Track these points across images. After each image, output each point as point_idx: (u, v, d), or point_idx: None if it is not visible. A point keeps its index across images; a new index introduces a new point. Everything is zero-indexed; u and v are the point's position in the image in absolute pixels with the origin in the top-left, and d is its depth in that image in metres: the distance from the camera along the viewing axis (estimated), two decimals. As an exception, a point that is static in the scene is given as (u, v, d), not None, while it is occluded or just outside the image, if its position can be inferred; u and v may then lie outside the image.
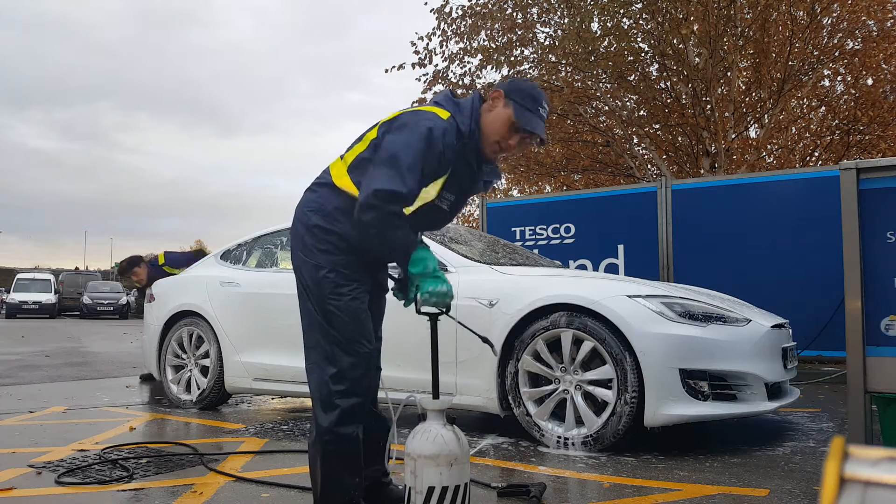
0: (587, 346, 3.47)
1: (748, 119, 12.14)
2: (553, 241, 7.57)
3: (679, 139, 12.37)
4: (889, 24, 11.48)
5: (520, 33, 12.06)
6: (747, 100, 12.18)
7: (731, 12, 10.37)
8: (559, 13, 11.97)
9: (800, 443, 3.66)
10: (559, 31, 11.89)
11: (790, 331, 4.04)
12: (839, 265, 3.20)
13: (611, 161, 13.64)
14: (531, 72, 12.53)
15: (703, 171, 11.31)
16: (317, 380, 2.21)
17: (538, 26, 12.25)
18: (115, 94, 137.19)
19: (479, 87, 12.43)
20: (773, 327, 3.67)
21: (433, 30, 12.40)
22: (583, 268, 7.20)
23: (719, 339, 3.41)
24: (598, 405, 3.46)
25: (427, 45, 12.35)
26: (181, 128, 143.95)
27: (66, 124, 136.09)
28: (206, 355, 5.07)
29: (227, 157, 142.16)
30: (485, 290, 3.82)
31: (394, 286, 2.41)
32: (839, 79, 12.64)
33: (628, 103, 12.58)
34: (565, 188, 14.43)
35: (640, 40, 11.30)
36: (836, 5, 10.97)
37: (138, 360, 8.55)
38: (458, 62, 12.42)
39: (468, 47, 12.26)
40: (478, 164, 2.29)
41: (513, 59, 12.09)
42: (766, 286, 6.08)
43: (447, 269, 3.99)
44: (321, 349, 2.20)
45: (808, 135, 13.56)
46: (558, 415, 3.57)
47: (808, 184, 6.37)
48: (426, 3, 12.42)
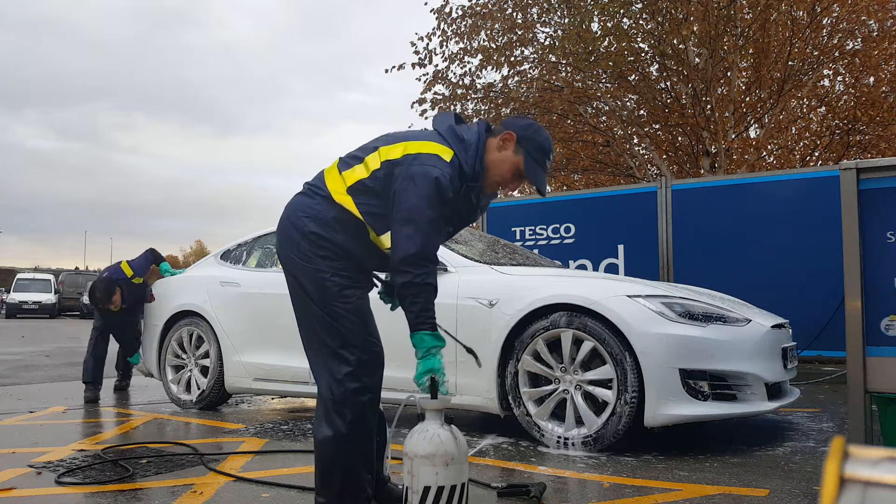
0: (587, 346, 3.47)
1: (748, 119, 12.14)
2: (553, 241, 7.57)
3: (679, 139, 12.37)
4: (889, 23, 11.48)
5: (520, 33, 12.05)
6: (747, 100, 12.18)
7: (731, 12, 10.37)
8: (559, 13, 11.97)
9: (800, 443, 3.66)
10: (559, 31, 11.89)
11: (790, 331, 4.04)
12: (839, 265, 3.20)
13: (611, 161, 13.63)
14: (531, 72, 12.54)
15: (703, 171, 11.31)
16: (328, 381, 2.17)
17: (538, 26, 12.25)
18: (113, 94, 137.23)
19: (478, 86, 12.43)
20: (773, 327, 3.67)
21: (433, 30, 12.40)
22: (583, 268, 7.20)
23: (719, 339, 3.41)
24: (598, 405, 3.46)
25: (427, 45, 12.35)
26: (179, 128, 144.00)
27: (63, 124, 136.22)
28: (206, 355, 5.08)
29: (226, 158, 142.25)
30: (485, 290, 3.82)
31: (380, 290, 2.44)
32: (839, 79, 12.64)
33: (628, 103, 12.58)
34: (565, 188, 14.42)
35: (640, 40, 11.30)
36: (836, 5, 10.96)
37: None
38: (458, 62, 12.43)
39: (468, 47, 12.26)
40: (477, 199, 2.30)
41: (513, 59, 12.10)
42: (766, 286, 6.07)
43: (447, 269, 3.99)
44: (329, 350, 2.17)
45: (808, 135, 13.55)
46: (558, 415, 3.57)
47: (808, 184, 6.37)
48: (426, 3, 12.43)
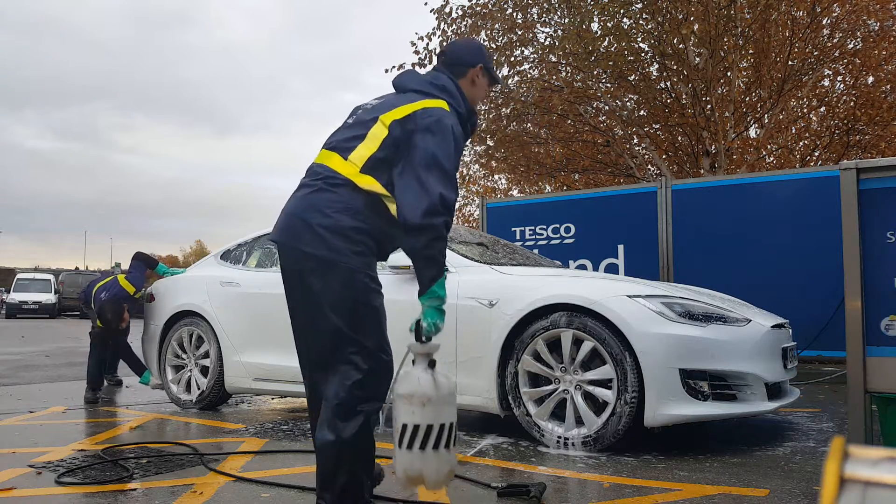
0: (587, 346, 3.47)
1: (748, 119, 12.13)
2: (553, 241, 7.57)
3: (679, 139, 12.37)
4: (889, 23, 11.48)
5: (520, 33, 12.05)
6: (747, 100, 12.18)
7: (731, 12, 10.37)
8: (559, 13, 11.97)
9: (800, 443, 3.66)
10: (559, 31, 11.88)
11: (790, 331, 4.04)
12: (839, 265, 3.20)
13: (611, 161, 13.63)
14: (531, 72, 12.53)
15: (703, 171, 11.31)
16: (336, 387, 2.11)
17: (538, 26, 12.25)
18: (112, 94, 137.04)
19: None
20: (773, 327, 3.67)
21: (433, 30, 12.40)
22: (583, 268, 7.20)
23: (719, 339, 3.41)
24: (598, 405, 3.46)
25: (427, 45, 12.35)
26: (179, 128, 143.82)
27: (62, 125, 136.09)
28: (206, 355, 5.08)
29: (226, 158, 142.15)
30: (485, 290, 3.82)
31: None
32: (839, 79, 12.64)
33: (628, 103, 12.58)
34: (565, 188, 14.41)
35: (640, 40, 11.30)
36: (836, 5, 10.97)
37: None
38: (458, 62, 12.42)
39: (468, 47, 12.25)
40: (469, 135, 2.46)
41: (513, 59, 12.09)
42: (766, 286, 6.07)
43: (448, 270, 3.99)
44: (342, 356, 2.12)
45: (808, 135, 13.55)
46: (558, 415, 3.57)
47: (808, 184, 6.37)
48: (426, 3, 12.42)
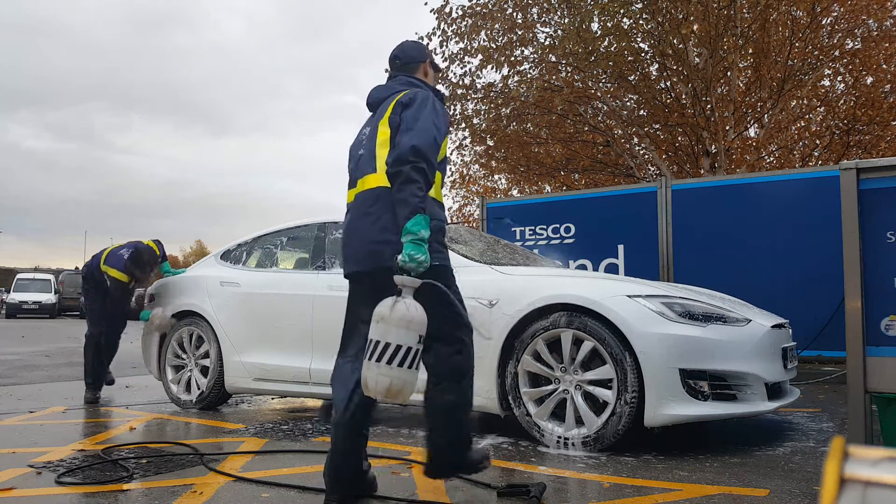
0: (587, 346, 3.47)
1: (748, 119, 12.13)
2: (553, 241, 7.57)
3: (679, 139, 12.36)
4: (889, 23, 11.47)
5: (520, 33, 12.04)
6: (747, 100, 12.17)
7: (731, 12, 10.37)
8: (559, 13, 11.96)
9: (800, 443, 3.66)
10: (559, 31, 11.87)
11: (790, 331, 4.04)
12: (839, 265, 3.20)
13: (611, 161, 13.63)
14: (531, 72, 12.52)
15: (703, 171, 11.31)
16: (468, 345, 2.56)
17: (538, 26, 12.24)
18: (107, 95, 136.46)
19: (478, 86, 12.43)
20: (773, 327, 3.67)
21: (433, 30, 12.40)
22: (583, 268, 7.20)
23: (719, 339, 3.41)
24: (598, 405, 3.46)
25: (427, 45, 12.34)
26: (174, 128, 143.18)
27: (58, 125, 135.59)
28: (207, 355, 5.08)
29: (222, 158, 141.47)
30: (485, 290, 3.82)
31: None
32: (839, 79, 12.63)
33: (628, 103, 12.57)
34: (565, 188, 14.41)
35: (640, 40, 11.30)
36: (836, 5, 10.96)
37: (138, 359, 8.53)
38: (458, 62, 12.43)
39: (468, 47, 12.25)
40: None
41: (513, 59, 12.09)
42: (766, 286, 6.08)
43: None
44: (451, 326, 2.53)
45: (807, 135, 13.55)
46: (558, 415, 3.57)
47: (808, 184, 6.37)
48: (426, 3, 12.42)
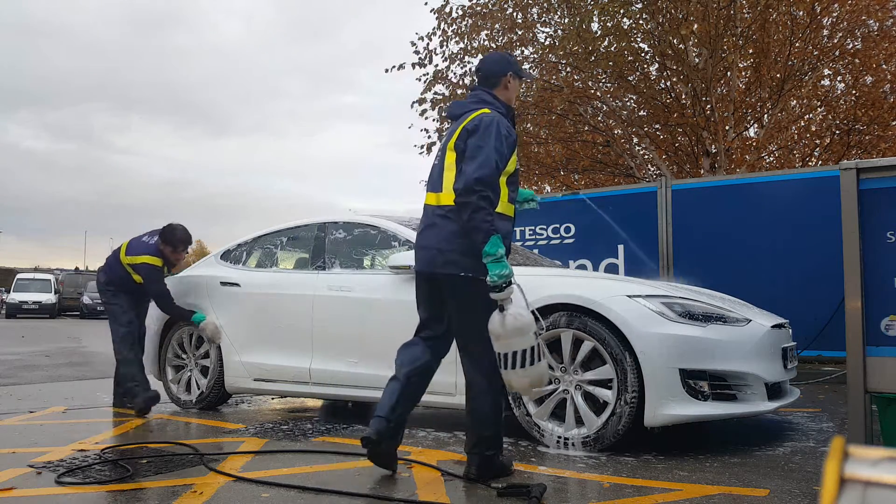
0: (587, 346, 3.47)
1: (748, 119, 12.13)
2: (553, 241, 7.57)
3: (679, 139, 12.36)
4: (889, 23, 11.47)
5: (520, 33, 12.04)
6: (747, 100, 12.16)
7: (731, 12, 10.36)
8: (559, 13, 11.96)
9: (800, 443, 3.66)
10: (559, 31, 11.87)
11: (790, 331, 4.04)
12: (839, 265, 3.20)
13: (611, 161, 13.62)
14: (531, 72, 12.52)
15: (703, 171, 11.30)
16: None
17: (538, 26, 12.23)
18: (105, 95, 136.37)
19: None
20: (773, 327, 3.67)
21: (433, 30, 12.38)
22: (583, 268, 7.20)
23: (719, 339, 3.41)
24: (598, 405, 3.46)
25: (427, 45, 12.34)
26: (173, 129, 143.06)
27: (57, 125, 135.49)
28: (207, 355, 5.08)
29: (222, 159, 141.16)
30: (485, 290, 3.81)
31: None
32: (839, 79, 12.63)
33: (628, 103, 12.57)
34: (565, 188, 14.41)
35: (640, 40, 11.29)
36: (836, 5, 10.95)
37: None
38: (458, 62, 12.42)
39: (468, 47, 12.24)
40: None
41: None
42: (766, 286, 6.07)
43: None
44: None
45: (807, 135, 13.54)
46: (558, 415, 3.57)
47: (808, 184, 6.37)
48: (426, 3, 12.42)
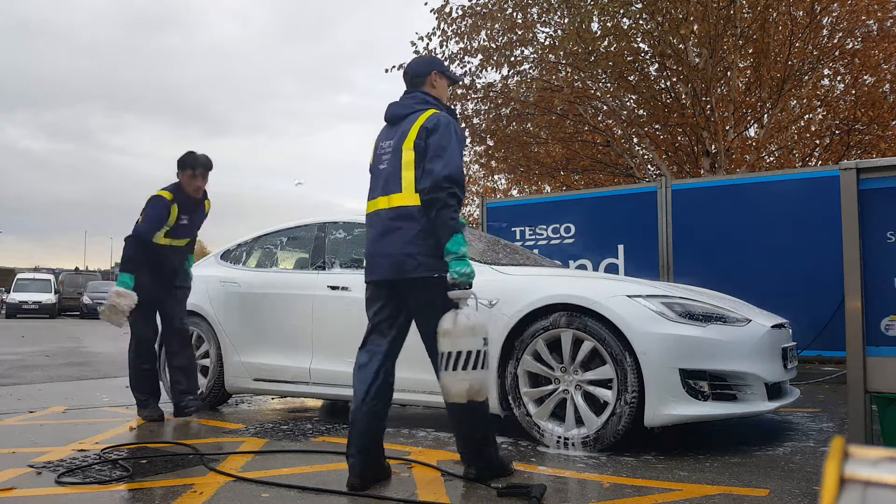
0: (587, 346, 3.47)
1: (748, 119, 12.13)
2: (553, 241, 7.56)
3: (679, 139, 12.36)
4: (889, 23, 11.47)
5: (520, 33, 12.04)
6: (747, 100, 12.16)
7: (731, 12, 10.36)
8: (559, 13, 11.96)
9: (800, 443, 3.66)
10: (559, 31, 11.87)
11: (790, 331, 4.04)
12: (839, 265, 3.20)
13: (611, 161, 13.62)
14: (531, 72, 12.53)
15: (703, 171, 11.30)
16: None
17: (538, 26, 12.23)
18: (102, 95, 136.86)
19: (478, 86, 12.44)
20: (773, 327, 3.67)
21: (433, 30, 12.39)
22: (583, 268, 7.20)
23: (719, 339, 3.41)
24: (598, 405, 3.46)
25: (427, 45, 12.35)
26: (170, 129, 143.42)
27: (54, 126, 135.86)
28: (206, 355, 5.07)
29: (219, 159, 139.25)
30: (485, 290, 3.80)
31: None
32: (839, 79, 12.63)
33: (628, 103, 12.57)
34: (565, 188, 14.41)
35: (640, 40, 11.29)
36: (835, 5, 10.95)
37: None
38: (458, 62, 12.43)
39: (468, 47, 12.24)
40: None
41: (513, 59, 12.09)
42: (766, 286, 6.07)
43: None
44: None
45: (807, 135, 13.54)
46: (558, 415, 3.57)
47: (808, 184, 6.37)
48: (426, 3, 12.42)
